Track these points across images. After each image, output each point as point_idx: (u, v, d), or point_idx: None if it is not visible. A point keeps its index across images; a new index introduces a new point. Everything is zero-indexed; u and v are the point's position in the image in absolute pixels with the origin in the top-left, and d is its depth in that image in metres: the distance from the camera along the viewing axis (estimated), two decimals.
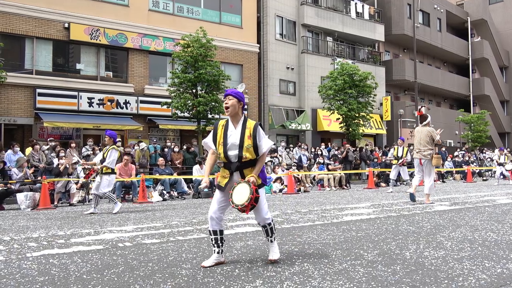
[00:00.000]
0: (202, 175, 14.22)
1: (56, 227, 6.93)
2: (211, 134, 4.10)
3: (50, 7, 17.80)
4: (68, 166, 12.46)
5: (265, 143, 3.92)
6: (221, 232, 3.98)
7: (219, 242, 3.96)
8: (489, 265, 3.73)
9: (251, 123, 3.95)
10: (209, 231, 3.97)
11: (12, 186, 11.47)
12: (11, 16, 17.07)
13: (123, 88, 19.31)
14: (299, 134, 24.93)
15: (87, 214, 9.05)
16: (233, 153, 3.90)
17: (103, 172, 9.26)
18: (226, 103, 3.95)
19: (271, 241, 4.08)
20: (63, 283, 3.47)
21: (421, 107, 12.81)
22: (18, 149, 13.80)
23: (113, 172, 9.44)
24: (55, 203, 11.61)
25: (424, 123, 9.72)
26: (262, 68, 24.10)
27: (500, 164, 17.67)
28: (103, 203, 12.21)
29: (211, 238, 3.96)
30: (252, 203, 3.77)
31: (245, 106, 4.36)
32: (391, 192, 13.69)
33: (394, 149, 14.61)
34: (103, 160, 9.27)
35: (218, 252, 3.98)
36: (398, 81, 31.33)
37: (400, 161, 14.15)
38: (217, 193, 4.01)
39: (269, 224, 4.03)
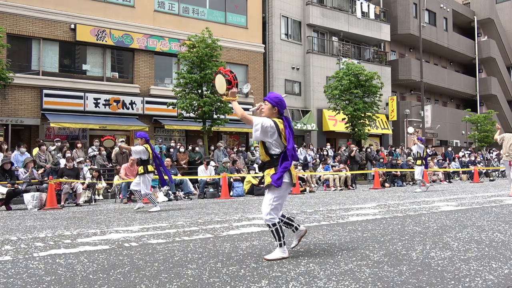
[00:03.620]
0: (208, 175, 14.25)
1: (63, 227, 6.96)
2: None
3: (57, 9, 17.91)
4: (76, 166, 12.52)
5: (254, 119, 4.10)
6: (283, 221, 4.29)
7: (281, 232, 4.14)
8: (496, 266, 3.70)
9: None
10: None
11: (19, 187, 11.54)
12: (18, 17, 17.19)
13: (129, 89, 19.38)
14: (304, 134, 24.89)
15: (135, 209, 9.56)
16: (258, 153, 4.24)
17: (138, 172, 9.65)
18: (263, 108, 4.22)
19: (275, 245, 4.19)
20: (69, 282, 3.49)
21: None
22: (25, 149, 13.90)
23: (147, 171, 9.52)
24: (62, 203, 11.66)
25: None
26: (267, 68, 24.10)
27: None
28: (109, 203, 12.26)
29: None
30: (231, 79, 4.21)
31: (284, 109, 4.56)
32: (420, 191, 13.82)
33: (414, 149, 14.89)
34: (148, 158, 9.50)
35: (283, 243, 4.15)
36: (404, 81, 31.21)
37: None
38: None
39: (274, 225, 4.06)
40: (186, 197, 13.70)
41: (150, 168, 9.61)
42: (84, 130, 18.69)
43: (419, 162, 14.43)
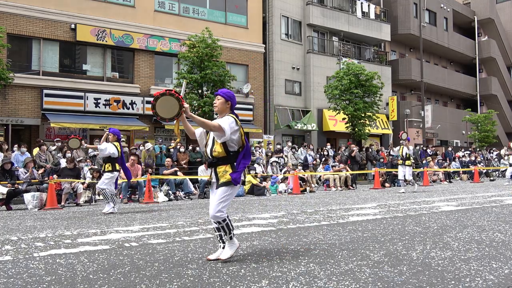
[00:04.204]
0: (208, 175, 14.24)
1: (63, 227, 6.96)
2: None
3: (57, 9, 17.91)
4: (76, 166, 12.52)
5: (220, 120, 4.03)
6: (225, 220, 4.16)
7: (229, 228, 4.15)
8: (497, 266, 3.70)
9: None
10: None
11: (20, 187, 11.55)
12: (18, 17, 17.19)
13: (129, 89, 19.39)
14: (304, 134, 24.89)
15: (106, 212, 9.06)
16: (208, 149, 4.15)
17: (105, 170, 9.25)
18: (215, 102, 4.23)
19: (223, 248, 4.15)
20: (69, 282, 3.49)
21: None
22: (25, 149, 13.91)
23: (114, 170, 9.25)
24: (62, 203, 11.66)
25: None
26: (267, 68, 24.09)
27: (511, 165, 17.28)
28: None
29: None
30: (179, 96, 4.03)
31: (235, 105, 4.39)
32: (403, 192, 13.50)
33: (400, 148, 14.26)
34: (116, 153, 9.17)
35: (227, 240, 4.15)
36: (404, 80, 31.20)
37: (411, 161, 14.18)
38: (210, 192, 4.26)
39: (224, 220, 4.05)
40: (187, 197, 13.70)
41: (117, 166, 9.31)
42: (84, 130, 18.68)
43: (408, 162, 14.06)
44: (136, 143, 17.51)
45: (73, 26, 18.14)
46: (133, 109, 19.15)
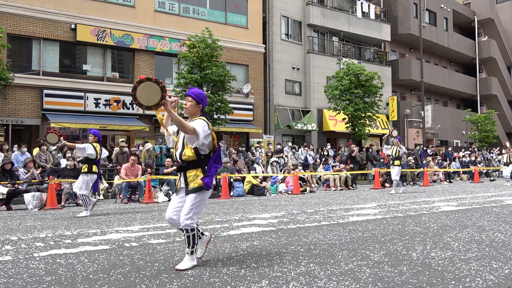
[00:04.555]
0: None
1: (63, 227, 6.96)
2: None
3: (57, 9, 17.91)
4: (77, 166, 12.52)
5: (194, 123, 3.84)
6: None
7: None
8: (497, 266, 3.70)
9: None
10: (180, 229, 3.91)
11: (20, 187, 11.55)
12: (18, 17, 17.19)
13: (129, 89, 19.27)
14: (305, 134, 24.89)
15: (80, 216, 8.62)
16: (177, 152, 3.94)
17: (82, 171, 8.93)
18: (185, 104, 4.02)
19: (186, 253, 3.89)
20: (70, 283, 3.49)
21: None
22: (26, 149, 13.92)
23: (90, 171, 8.86)
24: (62, 203, 11.67)
25: None
26: (267, 68, 24.09)
27: (506, 164, 17.43)
28: (109, 203, 12.26)
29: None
30: (164, 86, 3.76)
31: (206, 106, 4.31)
32: (402, 192, 13.50)
33: (391, 148, 14.02)
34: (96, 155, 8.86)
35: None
36: (404, 81, 31.20)
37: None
38: (172, 196, 4.09)
39: (192, 230, 3.81)
40: None
41: (94, 168, 8.89)
42: (84, 130, 18.68)
43: (397, 162, 13.83)
44: (136, 143, 17.51)
45: (73, 26, 18.14)
46: (133, 109, 19.15)
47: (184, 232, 3.85)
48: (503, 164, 17.74)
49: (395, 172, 13.83)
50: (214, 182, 4.01)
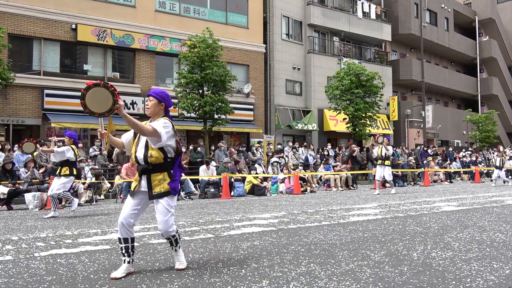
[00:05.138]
0: (209, 175, 14.25)
1: (64, 227, 6.97)
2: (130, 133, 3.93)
3: (58, 9, 17.92)
4: (78, 166, 12.52)
5: (154, 123, 3.68)
6: (132, 240, 3.75)
7: (130, 250, 3.71)
8: (497, 266, 3.70)
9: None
10: (119, 238, 3.71)
11: (20, 186, 11.56)
12: (19, 17, 17.20)
13: (130, 89, 19.39)
14: (305, 134, 24.88)
15: (47, 218, 8.53)
16: (140, 154, 3.73)
17: (61, 173, 8.84)
18: (147, 104, 3.88)
19: (176, 250, 3.85)
20: (70, 282, 3.49)
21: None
22: None
23: (71, 174, 8.88)
24: (63, 203, 11.67)
25: None
26: (268, 68, 24.09)
27: (498, 168, 17.40)
28: (110, 203, 12.26)
29: (121, 247, 3.69)
30: (115, 90, 3.61)
31: (171, 106, 4.12)
32: (394, 193, 13.40)
33: (379, 148, 13.73)
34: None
35: (128, 262, 3.70)
36: (405, 81, 31.18)
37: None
38: (128, 199, 3.81)
39: (174, 236, 3.78)
40: (187, 197, 13.71)
41: (75, 171, 8.99)
42: (85, 130, 18.70)
43: (388, 162, 13.61)
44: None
45: (73, 26, 18.15)
46: (134, 109, 19.15)
47: (171, 238, 3.79)
48: (495, 167, 17.74)
49: (386, 172, 13.57)
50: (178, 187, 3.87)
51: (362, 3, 27.69)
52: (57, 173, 8.97)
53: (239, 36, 22.54)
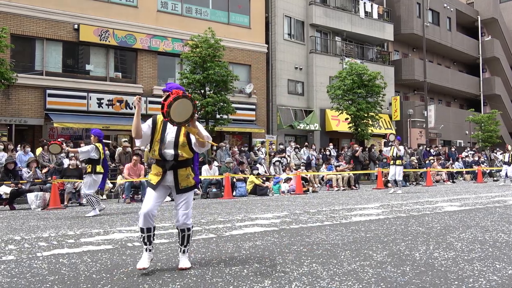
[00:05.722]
0: (211, 175, 14.26)
1: (66, 227, 6.98)
2: (148, 123, 4.06)
3: (60, 9, 17.95)
4: (79, 166, 12.54)
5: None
6: (154, 228, 3.93)
7: (151, 239, 3.90)
8: (500, 266, 3.69)
9: None
10: (142, 229, 3.84)
11: (23, 186, 11.59)
12: (21, 17, 17.24)
13: (132, 89, 19.41)
14: (307, 134, 24.87)
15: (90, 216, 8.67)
16: (169, 151, 3.86)
17: (86, 172, 8.98)
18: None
19: (184, 252, 3.93)
20: (73, 282, 3.49)
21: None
22: (29, 149, 13.95)
23: (93, 172, 8.87)
24: (65, 203, 11.69)
25: None
26: (270, 68, 24.09)
27: (507, 164, 17.45)
28: (112, 203, 12.27)
29: (144, 236, 3.84)
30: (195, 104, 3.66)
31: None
32: (394, 192, 13.51)
33: (391, 148, 14.14)
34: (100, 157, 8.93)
35: (150, 250, 3.87)
36: (407, 80, 31.13)
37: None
38: (151, 192, 3.91)
39: (188, 229, 3.93)
40: None
41: (99, 168, 8.89)
42: (87, 130, 18.70)
43: (399, 162, 14.00)
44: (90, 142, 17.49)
45: (76, 26, 18.18)
46: (135, 108, 19.16)
47: (186, 231, 3.91)
48: (503, 163, 17.79)
49: (397, 172, 13.95)
50: None
51: (364, 2, 27.66)
52: (84, 171, 9.21)
53: (241, 36, 22.54)
